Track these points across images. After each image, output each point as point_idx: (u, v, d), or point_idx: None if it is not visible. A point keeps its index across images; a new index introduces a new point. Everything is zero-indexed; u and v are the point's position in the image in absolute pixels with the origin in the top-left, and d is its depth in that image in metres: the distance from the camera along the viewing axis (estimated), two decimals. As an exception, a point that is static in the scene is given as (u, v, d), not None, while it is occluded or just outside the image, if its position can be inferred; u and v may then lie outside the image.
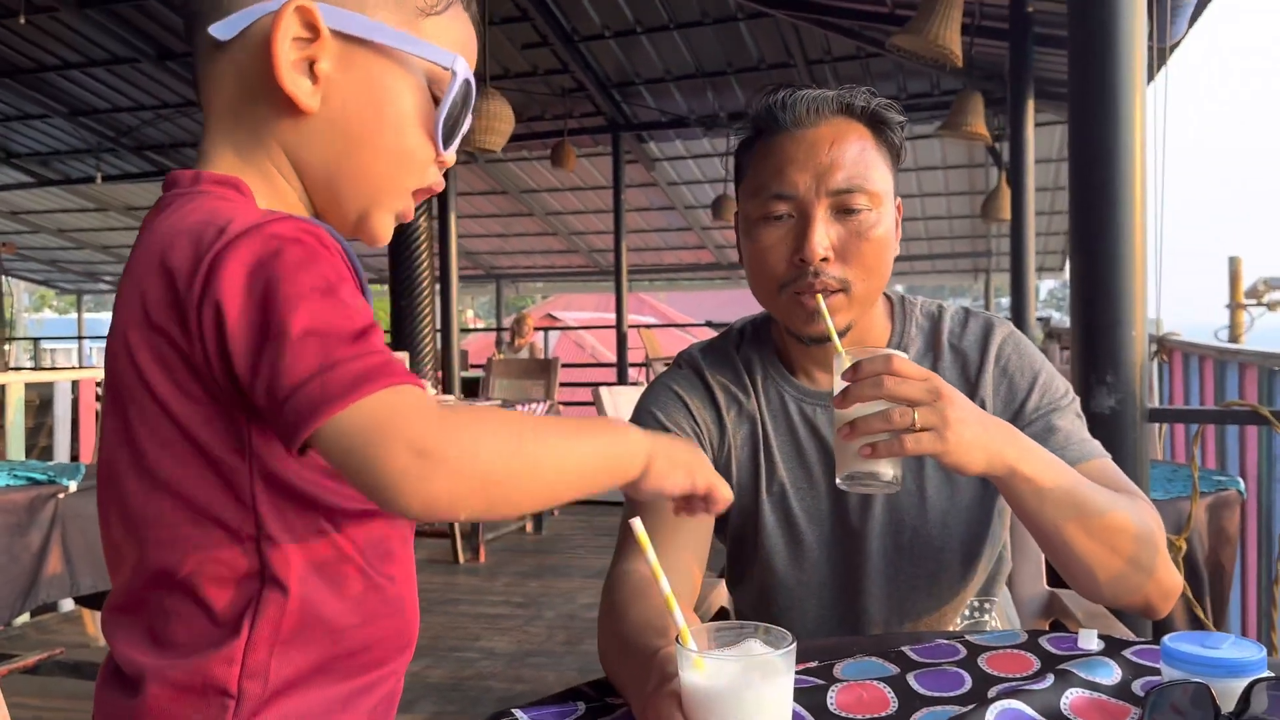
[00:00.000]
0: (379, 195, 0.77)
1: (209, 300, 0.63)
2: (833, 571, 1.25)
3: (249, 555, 0.68)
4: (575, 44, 8.77)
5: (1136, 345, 2.01)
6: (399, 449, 0.61)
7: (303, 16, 0.72)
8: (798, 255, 1.14)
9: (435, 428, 0.62)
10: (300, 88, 0.72)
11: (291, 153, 0.75)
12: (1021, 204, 6.30)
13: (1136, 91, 2.03)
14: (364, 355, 0.62)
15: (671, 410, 1.25)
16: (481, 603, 4.32)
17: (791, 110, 1.16)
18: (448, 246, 7.37)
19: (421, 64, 0.76)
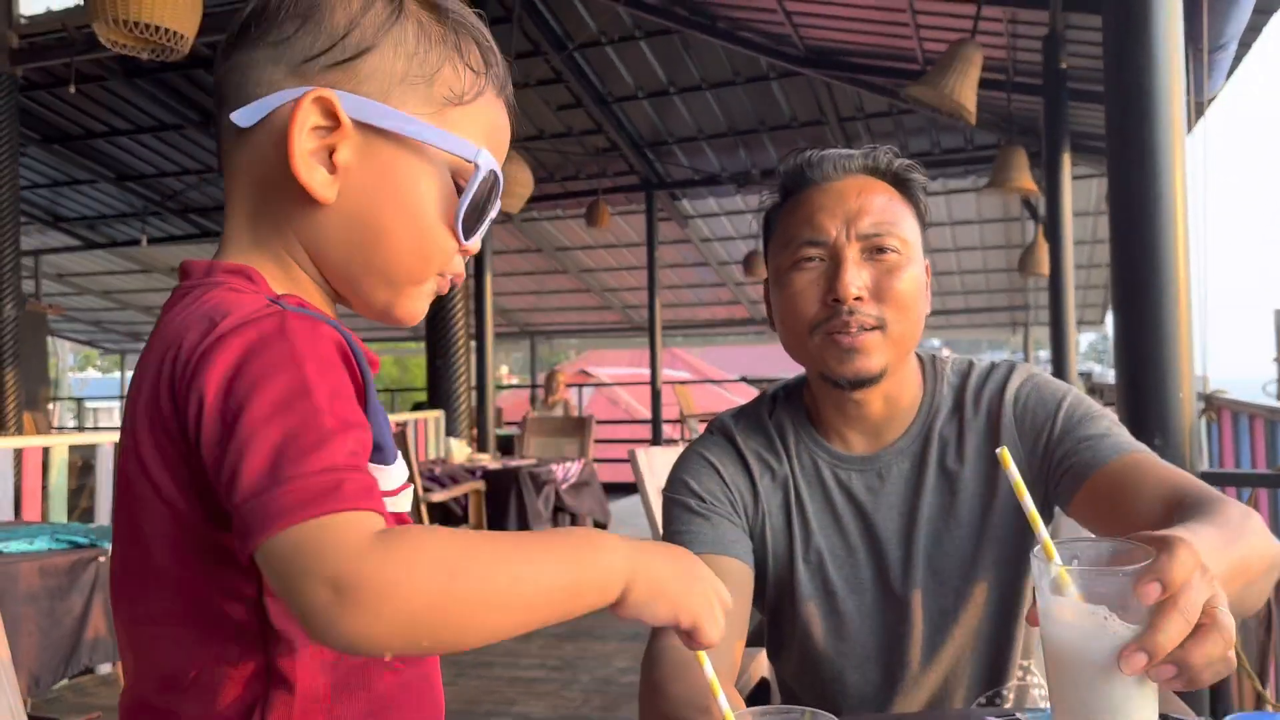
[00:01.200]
0: (400, 285, 0.75)
1: (193, 396, 0.62)
2: (876, 643, 1.21)
3: (255, 654, 0.67)
4: (609, 105, 8.91)
5: (1184, 407, 1.97)
6: (317, 583, 0.57)
7: (322, 106, 0.70)
8: (830, 295, 1.14)
9: (356, 564, 0.57)
10: (315, 178, 0.71)
11: (308, 243, 0.74)
12: (1059, 258, 6.25)
13: (1176, 146, 2.01)
14: (316, 474, 0.59)
15: (704, 478, 1.24)
16: (516, 666, 4.27)
17: (819, 167, 1.19)
18: (483, 304, 7.44)
19: (445, 155, 0.74)
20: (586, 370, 17.14)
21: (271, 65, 0.73)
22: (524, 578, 0.62)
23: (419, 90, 0.73)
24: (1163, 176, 2.00)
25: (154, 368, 0.66)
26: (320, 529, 0.58)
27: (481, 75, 0.76)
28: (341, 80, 0.72)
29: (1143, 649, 0.68)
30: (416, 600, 0.58)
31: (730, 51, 7.84)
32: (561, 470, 5.40)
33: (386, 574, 0.57)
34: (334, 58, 0.72)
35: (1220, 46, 4.06)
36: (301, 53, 0.72)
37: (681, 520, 1.21)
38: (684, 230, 11.66)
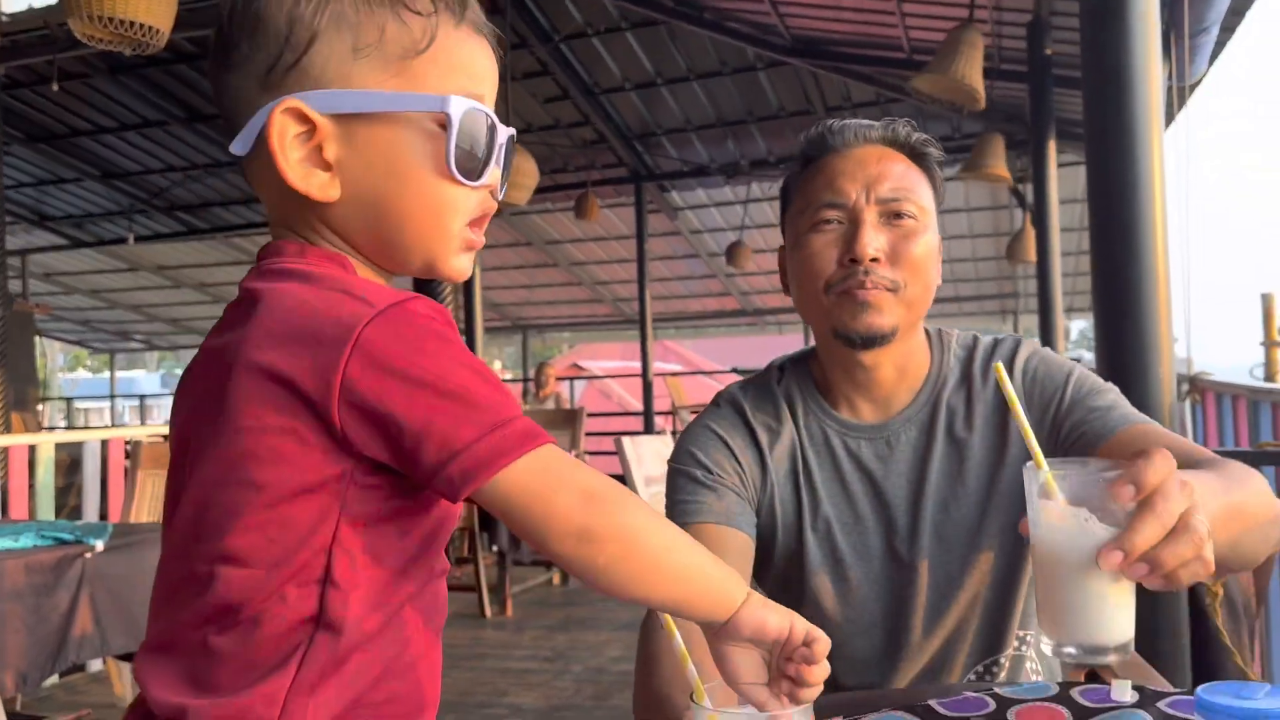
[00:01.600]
0: (432, 245, 0.79)
1: (364, 367, 0.67)
2: (882, 610, 1.24)
3: (311, 598, 0.71)
4: (596, 96, 8.89)
5: (1164, 386, 1.98)
6: (567, 490, 0.70)
7: (293, 113, 0.73)
8: (848, 255, 1.17)
9: (596, 478, 0.72)
10: (313, 184, 0.75)
11: (338, 231, 0.78)
12: (1046, 245, 6.27)
13: (1153, 131, 2.02)
14: (519, 417, 0.70)
15: (711, 450, 1.25)
16: (509, 657, 4.28)
17: (840, 135, 1.22)
18: (472, 299, 7.43)
19: (417, 115, 0.75)
20: (579, 364, 17.12)
21: (244, 85, 0.76)
22: (690, 551, 0.75)
23: (374, 58, 0.75)
24: (1140, 161, 2.01)
25: (281, 334, 0.70)
26: (555, 452, 0.71)
27: (430, 16, 0.76)
28: (303, 80, 0.74)
29: (1119, 547, 0.75)
30: (632, 522, 0.72)
31: (717, 42, 7.82)
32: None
33: (622, 493, 0.73)
34: (288, 60, 0.74)
35: (1202, 30, 4.07)
36: (262, 65, 0.75)
37: (686, 490, 1.22)
38: (673, 222, 11.65)
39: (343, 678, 0.72)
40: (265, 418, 0.69)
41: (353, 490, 0.71)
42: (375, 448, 0.69)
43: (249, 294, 0.74)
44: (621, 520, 0.71)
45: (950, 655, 1.24)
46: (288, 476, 0.70)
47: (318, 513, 0.70)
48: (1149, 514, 0.75)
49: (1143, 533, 0.75)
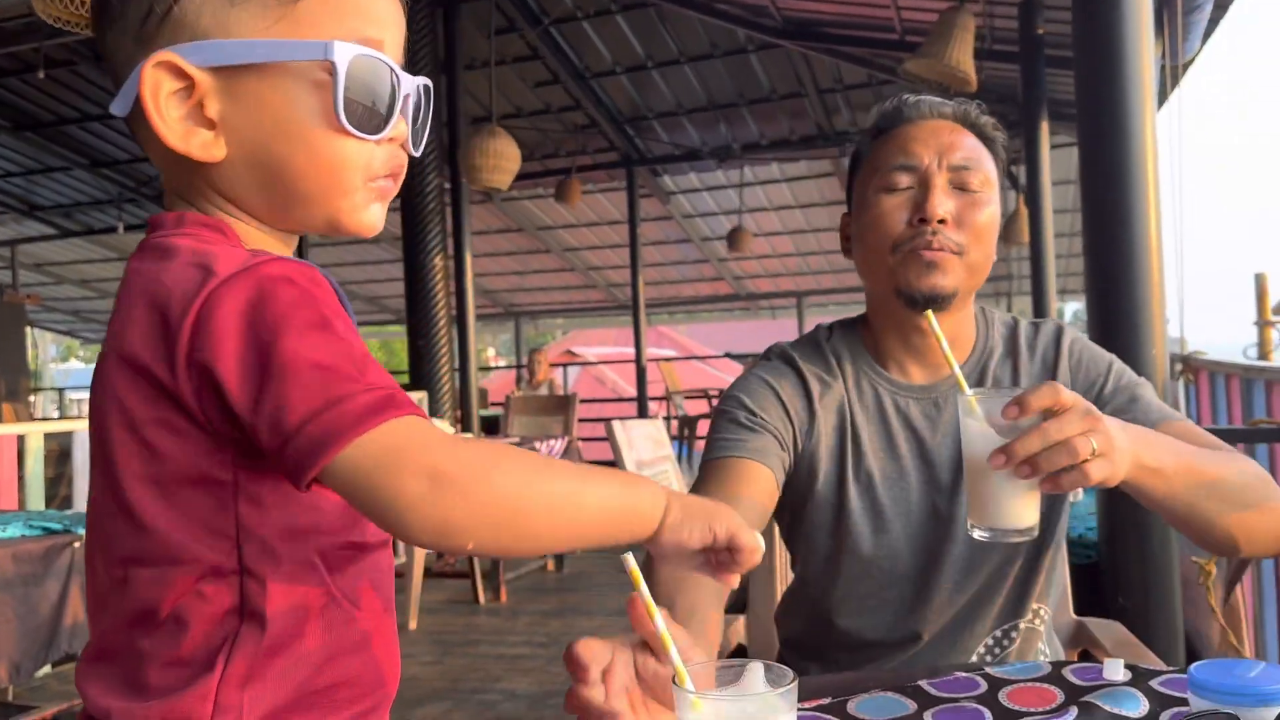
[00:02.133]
0: (331, 202, 0.73)
1: (202, 342, 0.63)
2: (916, 563, 1.28)
3: (230, 591, 0.68)
4: (586, 80, 8.85)
5: (1157, 365, 1.97)
6: (412, 475, 0.62)
7: (168, 68, 0.68)
8: (917, 216, 1.21)
9: (449, 454, 0.63)
10: (194, 144, 0.70)
11: (228, 195, 0.73)
12: (1039, 227, 6.25)
13: (1146, 112, 2.00)
14: (369, 389, 0.63)
15: (759, 397, 1.28)
16: (502, 643, 4.28)
17: (915, 107, 1.27)
18: (464, 285, 7.40)
19: (302, 64, 0.70)
20: (572, 350, 17.11)
21: (121, 42, 0.71)
22: (586, 492, 0.68)
23: (252, 3, 0.69)
24: (1133, 140, 1.99)
25: (132, 317, 0.66)
26: (405, 425, 0.63)
27: None
28: (179, 33, 0.69)
29: (1003, 451, 0.94)
30: (506, 490, 0.64)
31: (707, 24, 7.78)
32: (545, 448, 5.39)
33: (478, 463, 0.64)
34: (159, 9, 0.69)
35: (1195, 8, 4.05)
36: (136, 21, 0.70)
37: (727, 429, 1.26)
38: (666, 207, 11.62)
39: (277, 668, 0.69)
40: (137, 411, 0.66)
41: (243, 473, 0.67)
42: (230, 429, 0.65)
43: (125, 274, 0.71)
44: (480, 502, 0.63)
45: (976, 614, 1.29)
46: (172, 469, 0.67)
47: (214, 502, 0.67)
48: (1036, 431, 0.94)
49: (1023, 442, 0.93)
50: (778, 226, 12.12)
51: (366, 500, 0.63)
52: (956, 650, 1.29)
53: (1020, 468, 0.93)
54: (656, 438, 2.98)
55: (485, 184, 5.62)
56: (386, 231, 8.96)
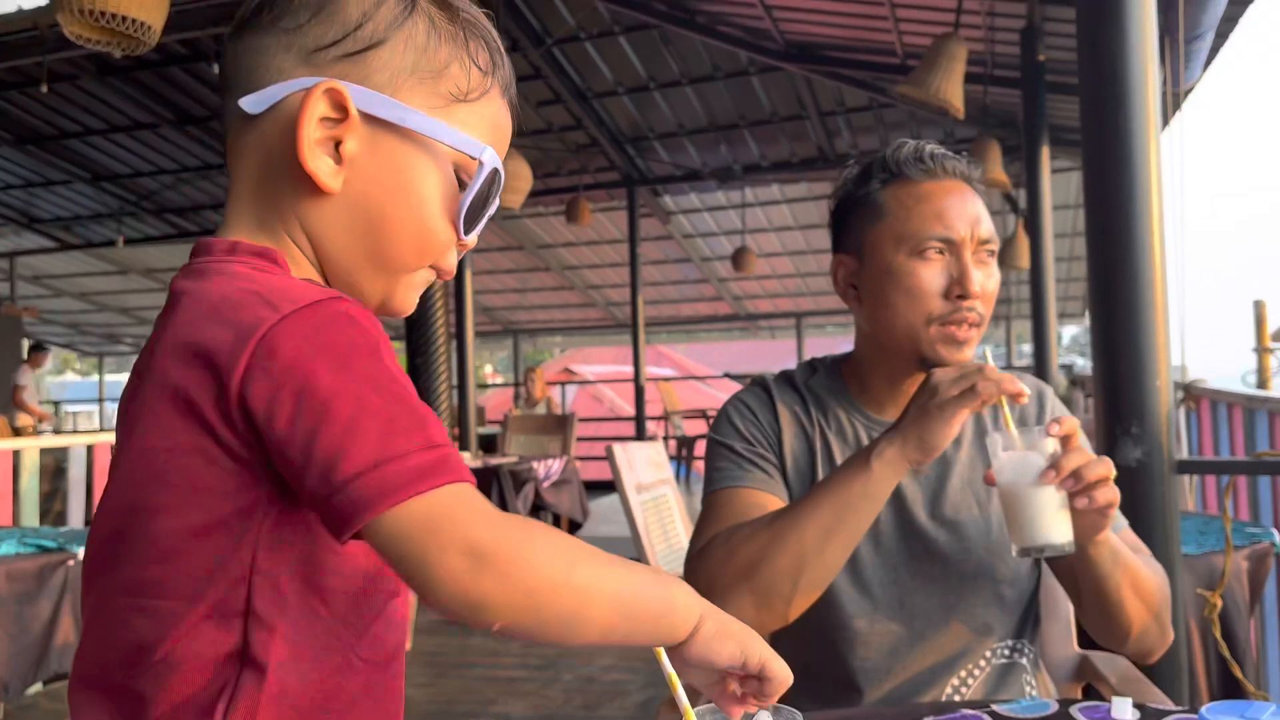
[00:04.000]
0: (395, 274, 0.76)
1: (256, 378, 0.62)
2: (892, 597, 1.27)
3: (233, 633, 0.66)
4: (589, 100, 8.88)
5: (1161, 395, 1.95)
6: (453, 548, 0.61)
7: (332, 98, 0.71)
8: (956, 291, 1.24)
9: (491, 530, 0.62)
10: (321, 167, 0.72)
11: (311, 231, 0.74)
12: (1040, 251, 6.26)
13: (1150, 138, 1.99)
14: (425, 449, 0.62)
15: (747, 422, 1.35)
16: (497, 665, 4.24)
17: (940, 162, 1.28)
18: (463, 303, 7.39)
19: (449, 150, 0.75)
20: (571, 368, 17.10)
21: (282, 53, 0.74)
22: (626, 586, 0.67)
23: (426, 85, 0.75)
24: (1137, 165, 1.98)
25: (190, 344, 0.65)
26: (451, 497, 0.62)
27: (489, 75, 0.78)
28: (351, 72, 0.73)
29: (1053, 467, 1.06)
30: (542, 574, 0.63)
31: (710, 46, 7.81)
32: (543, 468, 5.37)
33: (521, 545, 0.63)
34: (345, 49, 0.73)
35: (1196, 36, 4.07)
36: (313, 42, 0.73)
37: (728, 458, 1.32)
38: (666, 226, 11.64)
39: (277, 716, 0.67)
40: (173, 436, 0.65)
41: (272, 514, 0.66)
42: (278, 467, 0.64)
43: (171, 297, 0.70)
44: (517, 585, 0.62)
45: (951, 648, 1.28)
46: (198, 501, 0.65)
47: (233, 539, 0.65)
48: (1073, 449, 1.08)
49: (1069, 458, 1.07)
50: (778, 247, 12.15)
51: (404, 563, 0.62)
52: (933, 684, 1.28)
53: (1066, 481, 1.06)
54: (656, 460, 2.96)
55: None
56: (387, 249, 9.09)
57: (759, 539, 1.16)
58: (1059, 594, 1.57)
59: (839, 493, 1.14)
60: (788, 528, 1.15)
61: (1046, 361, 6.40)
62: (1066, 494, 1.07)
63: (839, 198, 1.35)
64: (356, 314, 0.66)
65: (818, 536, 1.14)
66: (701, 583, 1.18)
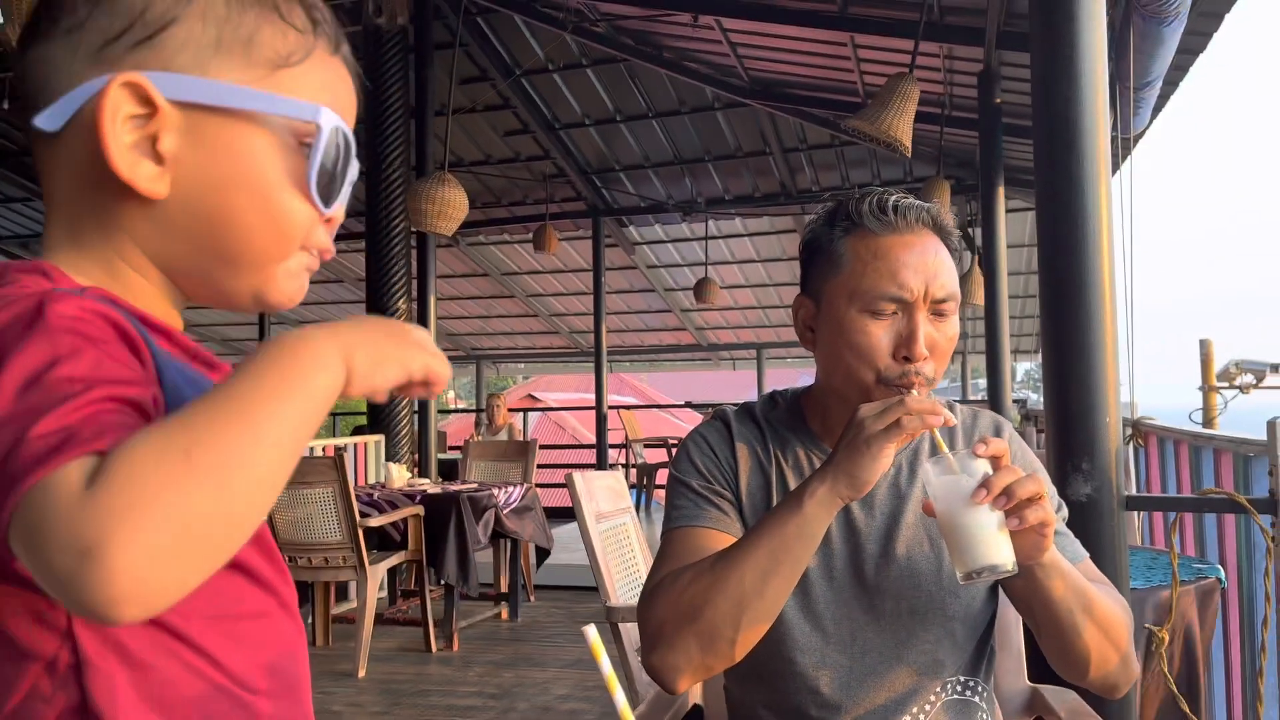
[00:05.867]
0: (262, 267, 0.68)
1: None
2: (846, 631, 1.28)
3: (69, 688, 0.59)
4: (556, 131, 8.94)
5: (1110, 433, 2.01)
6: (56, 553, 0.49)
7: (133, 91, 0.63)
8: (903, 352, 1.23)
9: (73, 520, 0.49)
10: (140, 174, 0.63)
11: (145, 244, 0.67)
12: (995, 288, 6.38)
13: (1101, 181, 2.06)
14: (41, 436, 0.51)
15: (704, 458, 1.35)
16: (453, 694, 4.21)
17: (902, 215, 1.26)
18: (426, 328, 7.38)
19: (282, 121, 0.67)
20: (534, 395, 17.05)
21: (69, 56, 0.65)
22: (267, 428, 0.55)
23: (237, 56, 0.66)
24: (1088, 208, 2.05)
25: None
26: (43, 492, 0.50)
27: (308, 33, 0.69)
28: (149, 59, 0.65)
29: (984, 486, 1.06)
30: (154, 533, 0.50)
31: (676, 81, 7.91)
32: (503, 494, 5.35)
33: (102, 518, 0.49)
34: (136, 36, 0.65)
35: (1146, 84, 4.19)
36: (99, 37, 0.65)
37: (686, 496, 1.32)
38: (630, 257, 11.70)
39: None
40: None
41: None
42: None
43: None
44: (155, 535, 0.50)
45: (902, 684, 1.28)
46: None
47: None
48: (1004, 469, 1.08)
49: (999, 476, 1.06)
50: (740, 279, 12.24)
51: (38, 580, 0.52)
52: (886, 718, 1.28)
53: (999, 499, 1.05)
54: (616, 489, 2.96)
55: (429, 228, 5.67)
56: (350, 273, 8.97)
57: (701, 582, 1.17)
58: (1011, 626, 1.60)
59: (774, 534, 1.14)
60: (727, 570, 1.16)
61: (1001, 396, 6.51)
62: (1003, 515, 1.06)
63: (806, 239, 1.35)
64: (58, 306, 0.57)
65: (756, 578, 1.14)
66: (650, 624, 1.19)
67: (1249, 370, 6.28)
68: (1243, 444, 2.77)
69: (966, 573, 1.08)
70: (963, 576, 1.08)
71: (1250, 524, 2.34)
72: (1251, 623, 2.56)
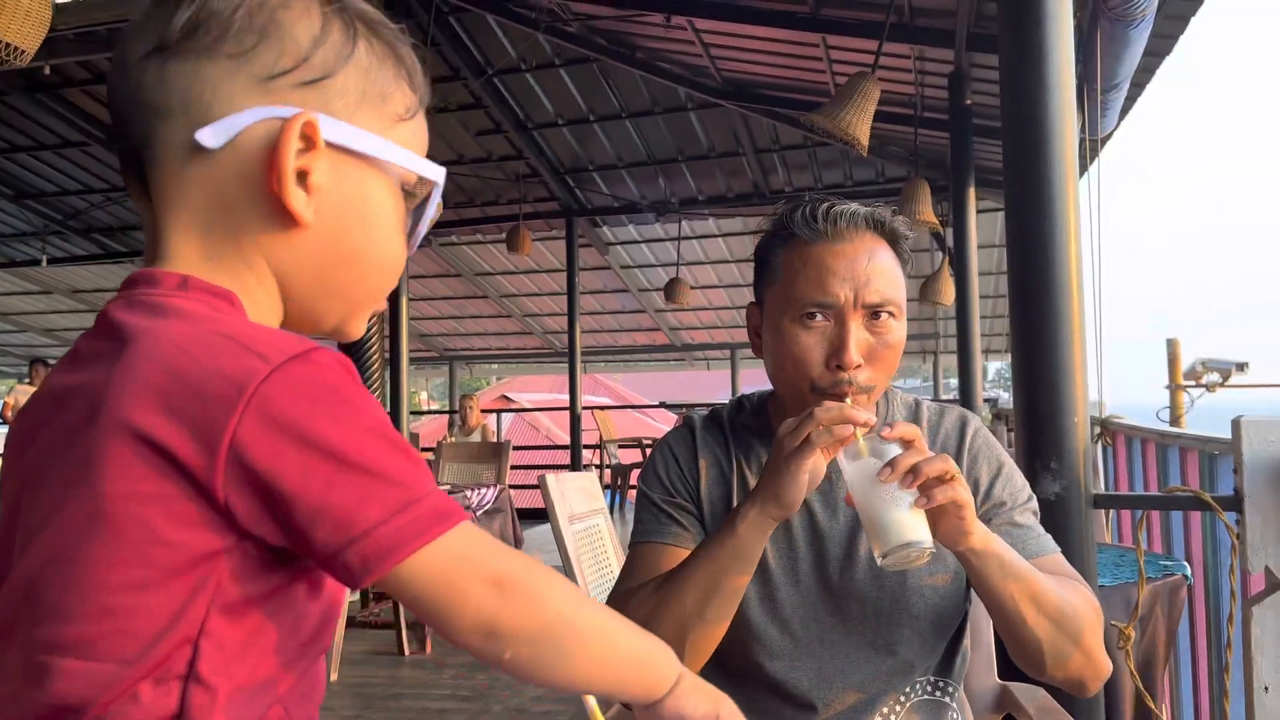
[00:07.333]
0: (360, 304, 0.75)
1: (255, 432, 0.60)
2: (814, 634, 1.28)
3: (170, 697, 0.62)
4: (529, 131, 8.91)
5: (1078, 432, 2.02)
6: (479, 579, 0.65)
7: (305, 128, 0.69)
8: (834, 361, 1.22)
9: (513, 563, 0.66)
10: (298, 201, 0.69)
11: (279, 266, 0.71)
12: (966, 288, 6.43)
13: (1069, 183, 2.08)
14: (434, 493, 0.64)
15: (669, 470, 1.36)
16: (427, 697, 4.18)
17: (832, 223, 1.24)
18: (398, 329, 7.33)
19: (399, 170, 0.74)
20: (507, 396, 17.00)
21: (229, 79, 0.69)
22: (621, 633, 0.72)
23: (375, 109, 0.73)
24: (1056, 209, 2.06)
25: (153, 386, 0.61)
26: (467, 535, 0.65)
27: (419, 93, 0.77)
28: (313, 100, 0.70)
29: (889, 465, 1.06)
30: (555, 608, 0.67)
31: (649, 81, 7.91)
32: (476, 496, 5.33)
33: (539, 579, 0.67)
34: (301, 77, 0.70)
35: (1114, 87, 4.24)
36: (264, 69, 0.69)
37: (649, 510, 1.34)
38: (604, 257, 11.69)
39: None
40: (133, 484, 0.60)
41: (228, 573, 0.62)
42: (261, 524, 0.62)
43: (116, 329, 0.65)
44: (535, 613, 0.66)
45: (870, 687, 1.28)
46: (153, 554, 0.60)
47: (185, 598, 0.61)
48: (911, 449, 1.07)
49: (904, 456, 1.06)
50: (713, 280, 12.27)
51: (430, 601, 0.65)
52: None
53: (905, 478, 1.05)
54: (589, 490, 2.95)
55: None
56: (321, 275, 8.87)
57: (647, 605, 1.19)
58: (982, 624, 1.61)
59: (712, 557, 1.16)
60: (670, 593, 1.18)
61: (972, 395, 6.56)
62: (915, 495, 1.05)
63: (756, 247, 1.35)
64: (343, 364, 0.65)
65: (696, 600, 1.16)
66: None
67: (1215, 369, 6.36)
68: (1208, 442, 2.81)
69: (882, 553, 1.07)
70: (880, 558, 1.07)
71: (1215, 521, 2.37)
72: (1217, 619, 2.59)
